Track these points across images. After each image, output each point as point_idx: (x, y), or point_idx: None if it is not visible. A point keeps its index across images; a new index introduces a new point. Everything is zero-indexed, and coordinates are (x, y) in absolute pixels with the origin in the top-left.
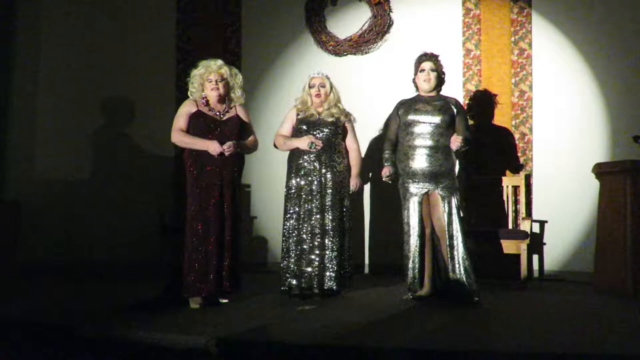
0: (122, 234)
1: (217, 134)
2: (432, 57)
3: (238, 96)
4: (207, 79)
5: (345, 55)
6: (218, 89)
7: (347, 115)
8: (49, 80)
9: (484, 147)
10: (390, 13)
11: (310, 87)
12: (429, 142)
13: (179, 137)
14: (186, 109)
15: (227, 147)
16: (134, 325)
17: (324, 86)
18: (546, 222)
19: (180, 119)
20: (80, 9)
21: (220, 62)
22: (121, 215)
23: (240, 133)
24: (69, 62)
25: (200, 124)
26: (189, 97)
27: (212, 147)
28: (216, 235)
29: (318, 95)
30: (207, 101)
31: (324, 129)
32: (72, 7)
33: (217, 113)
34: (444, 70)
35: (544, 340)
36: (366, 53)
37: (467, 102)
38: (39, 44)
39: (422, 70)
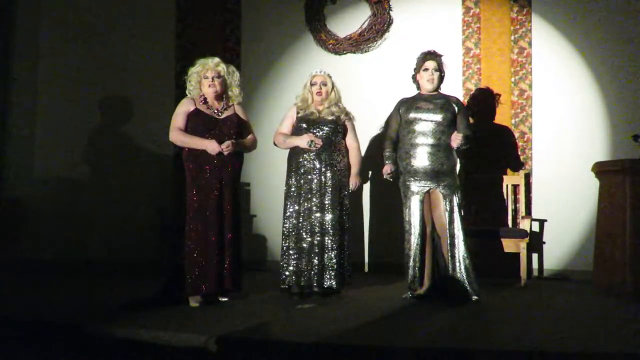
0: (122, 232)
1: (216, 133)
2: (437, 57)
3: (236, 94)
4: (204, 76)
5: (345, 53)
6: (215, 85)
7: (348, 114)
8: (49, 79)
9: (484, 145)
10: (390, 12)
11: (312, 84)
12: (431, 140)
13: (177, 136)
14: (184, 108)
15: (226, 147)
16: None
17: (325, 84)
18: (546, 221)
19: (179, 118)
20: (80, 8)
21: (217, 59)
22: (121, 214)
23: (239, 131)
24: (68, 63)
25: (198, 123)
26: (187, 95)
27: (211, 146)
28: (216, 234)
29: (319, 94)
30: (205, 99)
31: (324, 128)
32: (71, 6)
33: (215, 111)
34: (444, 68)
35: (544, 338)
36: (366, 52)
37: (466, 100)
38: (38, 43)
39: (426, 70)
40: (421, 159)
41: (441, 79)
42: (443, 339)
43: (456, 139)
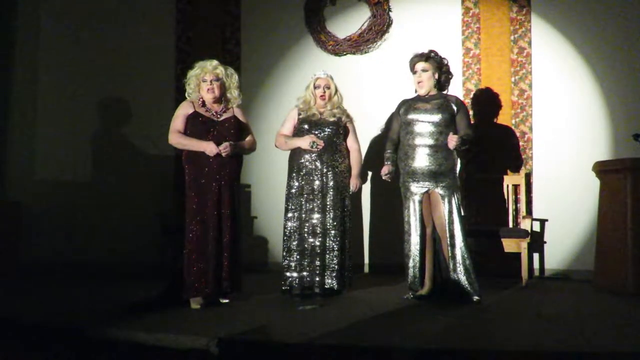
0: (123, 234)
1: (214, 135)
2: (423, 57)
3: (235, 96)
4: (202, 80)
5: (345, 55)
6: (213, 89)
7: (348, 115)
8: (50, 81)
9: (484, 146)
10: (390, 12)
11: (315, 87)
12: (429, 141)
13: (176, 139)
14: (183, 111)
15: (224, 148)
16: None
17: (329, 87)
18: (546, 220)
19: (177, 121)
20: (80, 10)
21: (215, 62)
22: (122, 216)
23: (237, 134)
24: (69, 66)
25: (197, 125)
26: (186, 98)
27: (209, 148)
28: (215, 236)
29: (323, 97)
30: (204, 102)
31: (326, 129)
32: (71, 8)
33: (214, 114)
34: (445, 63)
35: (545, 338)
36: (366, 53)
37: (467, 101)
38: (38, 44)
39: (415, 72)
40: (420, 159)
41: (438, 77)
42: (444, 339)
43: (452, 141)
